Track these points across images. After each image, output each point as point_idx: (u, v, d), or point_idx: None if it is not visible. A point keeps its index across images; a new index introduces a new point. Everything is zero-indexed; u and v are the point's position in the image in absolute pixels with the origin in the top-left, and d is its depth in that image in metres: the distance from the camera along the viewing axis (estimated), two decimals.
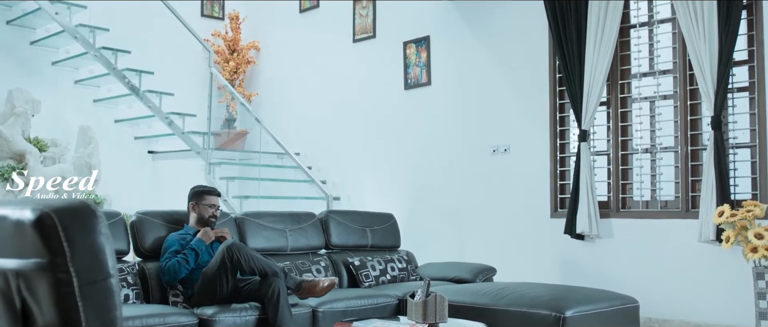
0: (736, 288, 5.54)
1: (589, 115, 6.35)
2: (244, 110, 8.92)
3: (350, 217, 6.19)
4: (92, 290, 1.35)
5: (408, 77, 7.91)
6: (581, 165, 6.33)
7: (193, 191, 5.07)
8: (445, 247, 7.24)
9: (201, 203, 4.97)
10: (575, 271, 6.45)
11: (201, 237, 4.79)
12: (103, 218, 1.40)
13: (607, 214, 6.39)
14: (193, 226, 4.96)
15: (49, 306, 1.34)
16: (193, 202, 5.01)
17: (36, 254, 1.35)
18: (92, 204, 1.41)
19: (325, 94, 8.61)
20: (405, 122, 7.88)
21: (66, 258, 1.33)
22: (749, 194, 5.68)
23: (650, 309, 5.85)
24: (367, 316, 4.68)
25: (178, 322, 4.22)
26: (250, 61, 9.49)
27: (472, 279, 5.84)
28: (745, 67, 5.74)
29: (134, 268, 4.73)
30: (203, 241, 4.78)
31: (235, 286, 4.55)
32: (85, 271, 1.34)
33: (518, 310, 4.54)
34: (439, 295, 4.12)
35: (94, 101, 8.35)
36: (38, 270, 1.34)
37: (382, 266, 5.83)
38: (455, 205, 7.43)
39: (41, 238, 1.34)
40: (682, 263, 5.93)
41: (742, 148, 5.76)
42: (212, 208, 5.00)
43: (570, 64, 6.43)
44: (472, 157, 7.31)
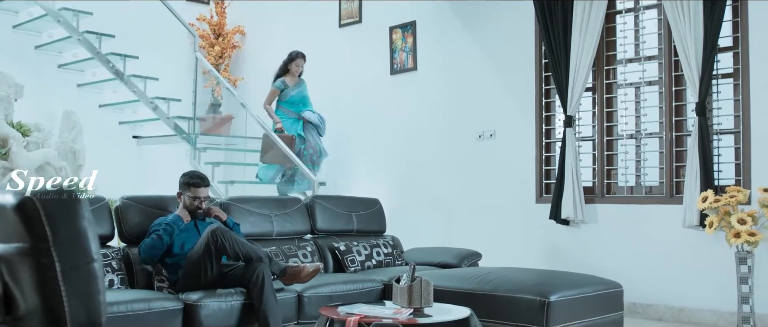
0: (720, 273, 5.58)
1: (574, 100, 6.36)
2: (230, 95, 8.88)
3: (336, 202, 6.18)
4: (75, 275, 1.34)
5: (394, 62, 7.89)
6: (566, 150, 6.35)
7: (182, 181, 5.02)
8: (431, 232, 7.25)
9: (186, 194, 4.93)
10: (560, 256, 6.48)
11: (179, 213, 4.78)
12: (86, 203, 1.40)
13: (591, 200, 6.42)
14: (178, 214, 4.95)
15: (31, 291, 1.33)
16: (180, 191, 4.98)
17: (18, 239, 1.34)
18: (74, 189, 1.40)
19: (311, 79, 8.57)
20: (391, 108, 7.87)
21: (49, 243, 1.33)
22: (733, 180, 5.72)
23: (634, 294, 5.89)
24: (353, 300, 4.67)
25: (163, 307, 4.21)
26: (236, 46, 9.44)
27: (458, 264, 5.86)
28: (730, 53, 5.77)
29: (119, 253, 4.71)
30: (181, 219, 4.76)
31: (220, 271, 4.54)
32: (67, 255, 1.34)
33: (503, 294, 4.55)
34: (425, 280, 4.12)
35: (78, 86, 8.29)
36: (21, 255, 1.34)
37: (368, 251, 5.84)
38: (441, 190, 7.44)
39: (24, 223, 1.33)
40: (666, 248, 5.97)
41: (726, 134, 5.80)
42: (197, 201, 4.92)
43: (556, 50, 6.44)
44: (458, 143, 7.32)
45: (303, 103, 7.83)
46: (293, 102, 7.78)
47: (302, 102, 7.83)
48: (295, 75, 7.81)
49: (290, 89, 7.78)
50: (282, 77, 7.79)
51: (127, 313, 4.00)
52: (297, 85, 7.82)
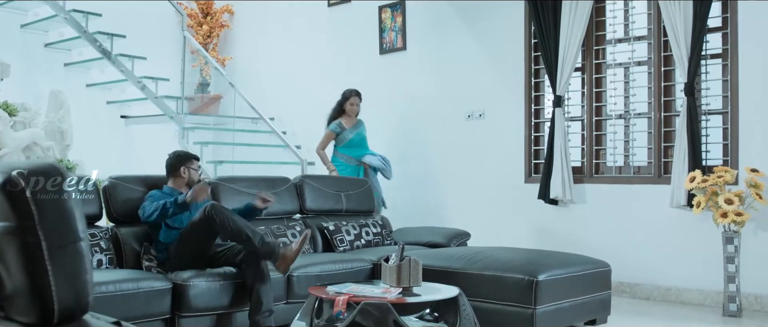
0: (706, 252, 5.62)
1: (563, 80, 6.36)
2: (218, 74, 8.83)
3: (325, 181, 6.17)
4: (62, 254, 1.33)
5: (383, 42, 7.86)
6: (555, 130, 6.36)
7: (180, 156, 4.99)
8: (420, 212, 7.26)
9: (190, 167, 4.92)
10: (549, 235, 6.50)
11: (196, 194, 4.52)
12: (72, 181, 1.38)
13: (580, 180, 6.44)
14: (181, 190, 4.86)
15: (18, 270, 1.32)
16: (183, 166, 4.92)
17: (3, 218, 1.33)
18: (61, 166, 1.39)
19: (300, 58, 8.54)
20: (380, 87, 7.85)
21: (34, 221, 1.31)
22: (720, 160, 5.74)
23: (622, 273, 5.92)
24: (342, 280, 4.68)
25: (152, 286, 4.20)
26: (224, 25, 9.38)
27: (447, 243, 5.87)
28: (719, 33, 5.77)
29: (107, 233, 4.69)
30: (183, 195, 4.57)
31: (213, 250, 4.53)
32: (54, 234, 1.33)
33: (492, 273, 4.57)
34: (414, 260, 4.13)
35: (65, 65, 8.23)
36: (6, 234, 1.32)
37: (357, 231, 5.84)
38: (430, 170, 7.44)
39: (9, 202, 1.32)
40: (654, 228, 6.00)
41: (715, 114, 5.81)
42: (198, 172, 5.00)
43: (545, 30, 6.43)
44: (447, 123, 7.32)
45: (362, 146, 7.05)
46: (351, 145, 7.00)
47: (361, 144, 7.05)
48: (352, 115, 7.03)
49: (348, 132, 6.99)
50: (337, 119, 7.02)
51: (116, 293, 3.99)
52: (355, 126, 7.04)
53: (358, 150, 6.98)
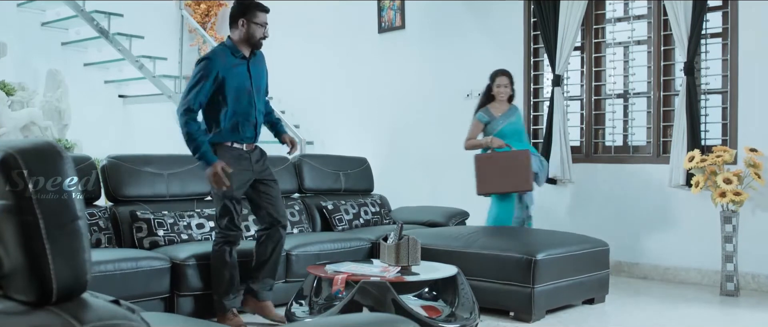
0: (704, 232, 5.63)
1: (563, 60, 6.34)
2: None
3: (324, 161, 6.17)
4: (60, 233, 1.33)
5: (382, 21, 7.83)
6: (554, 110, 6.35)
7: (244, 4, 4.30)
8: (419, 191, 7.26)
9: (253, 20, 4.28)
10: (547, 214, 6.50)
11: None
12: (69, 159, 1.38)
13: (579, 159, 6.44)
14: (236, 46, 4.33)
15: (15, 249, 1.32)
16: (244, 18, 4.27)
17: (1, 196, 1.32)
18: (58, 145, 1.38)
19: (298, 37, 8.50)
20: (379, 66, 7.83)
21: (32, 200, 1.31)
22: (719, 140, 5.74)
23: (620, 252, 5.94)
24: (341, 259, 4.69)
25: (151, 266, 4.20)
26: (222, 4, 9.33)
27: (445, 223, 5.88)
28: (719, 12, 5.75)
29: (106, 212, 4.69)
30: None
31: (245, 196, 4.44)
32: (51, 213, 1.32)
33: (490, 253, 4.58)
34: (412, 239, 4.14)
35: (63, 44, 8.18)
36: (4, 213, 1.32)
37: (356, 210, 5.84)
38: (429, 149, 7.43)
39: (6, 180, 1.31)
40: (653, 208, 6.01)
41: (714, 94, 5.80)
42: (263, 28, 4.31)
43: (545, 9, 6.40)
44: (446, 102, 7.30)
45: (517, 138, 5.75)
46: (502, 137, 5.68)
47: (516, 136, 5.75)
48: (502, 100, 5.82)
49: (497, 121, 5.76)
50: (485, 106, 5.85)
51: (115, 272, 3.99)
52: (507, 114, 5.80)
53: (512, 144, 5.63)
